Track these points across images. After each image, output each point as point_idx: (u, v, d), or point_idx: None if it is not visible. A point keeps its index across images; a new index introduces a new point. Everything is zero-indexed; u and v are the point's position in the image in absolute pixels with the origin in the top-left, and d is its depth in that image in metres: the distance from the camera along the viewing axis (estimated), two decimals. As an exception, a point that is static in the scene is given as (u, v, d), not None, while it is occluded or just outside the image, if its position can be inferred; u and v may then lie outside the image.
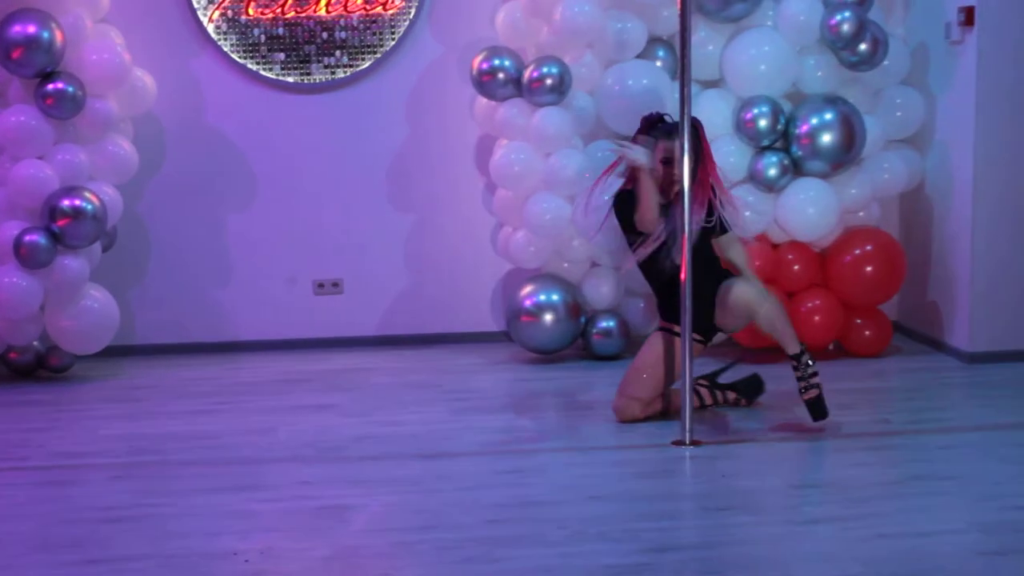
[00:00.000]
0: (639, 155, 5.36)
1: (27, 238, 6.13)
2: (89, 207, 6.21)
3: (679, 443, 5.21)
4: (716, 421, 5.56)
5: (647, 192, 5.35)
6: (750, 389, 5.79)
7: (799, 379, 5.32)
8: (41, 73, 6.29)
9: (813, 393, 5.31)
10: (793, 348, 5.32)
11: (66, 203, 6.17)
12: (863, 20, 6.40)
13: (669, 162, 5.38)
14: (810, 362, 5.29)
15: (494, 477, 4.91)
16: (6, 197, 6.31)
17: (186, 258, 7.15)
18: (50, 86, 6.26)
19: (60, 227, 6.17)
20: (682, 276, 5.21)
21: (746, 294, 5.35)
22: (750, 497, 4.66)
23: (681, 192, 5.20)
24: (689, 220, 5.18)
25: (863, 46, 6.46)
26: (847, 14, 6.37)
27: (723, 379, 5.82)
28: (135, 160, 6.71)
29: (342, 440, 5.44)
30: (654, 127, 5.47)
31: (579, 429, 5.54)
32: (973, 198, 6.51)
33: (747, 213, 5.98)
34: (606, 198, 5.58)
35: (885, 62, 6.63)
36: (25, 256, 6.12)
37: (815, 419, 5.32)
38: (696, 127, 5.29)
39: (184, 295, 7.18)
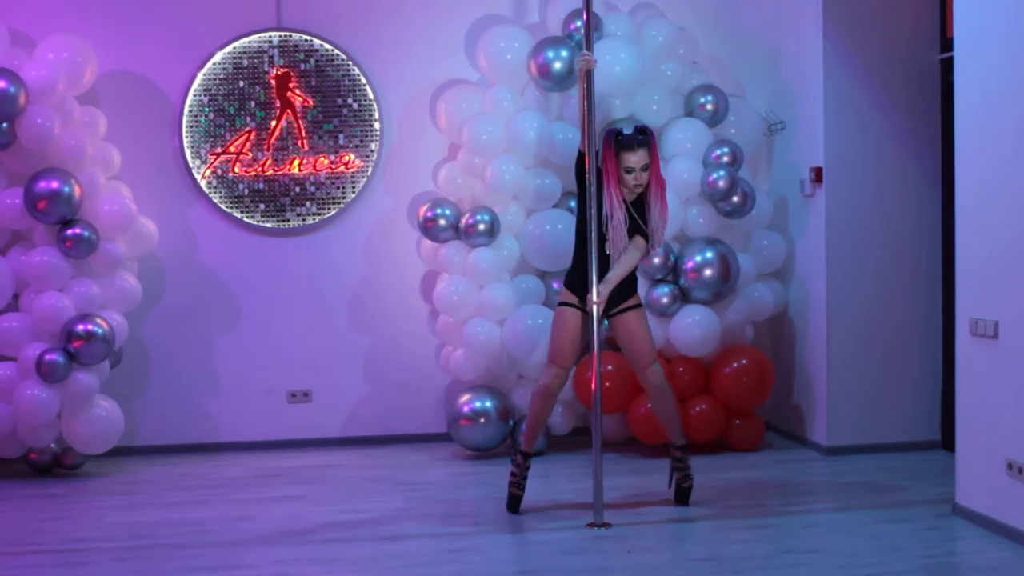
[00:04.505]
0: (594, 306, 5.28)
1: (47, 357, 6.08)
2: (100, 331, 6.19)
3: (593, 525, 5.21)
4: (623, 507, 5.52)
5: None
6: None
7: (680, 469, 5.39)
8: (62, 220, 6.28)
9: (690, 483, 5.40)
10: (680, 440, 5.39)
11: (81, 328, 6.14)
12: (735, 178, 6.55)
13: (629, 171, 5.24)
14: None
15: (440, 555, 4.88)
16: (31, 323, 6.26)
17: (180, 373, 7.09)
18: (69, 231, 6.26)
19: (75, 348, 6.13)
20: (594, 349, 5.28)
21: (655, 372, 5.34)
22: (652, 570, 4.65)
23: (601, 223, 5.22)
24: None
25: (735, 198, 6.59)
26: (722, 173, 6.52)
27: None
28: (139, 292, 6.69)
29: (311, 525, 5.38)
30: (616, 140, 5.24)
31: (510, 514, 5.49)
32: (827, 320, 6.61)
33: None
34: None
35: (753, 211, 6.73)
36: (45, 372, 6.07)
37: (679, 502, 5.41)
38: (649, 136, 5.25)
39: (178, 404, 7.10)
